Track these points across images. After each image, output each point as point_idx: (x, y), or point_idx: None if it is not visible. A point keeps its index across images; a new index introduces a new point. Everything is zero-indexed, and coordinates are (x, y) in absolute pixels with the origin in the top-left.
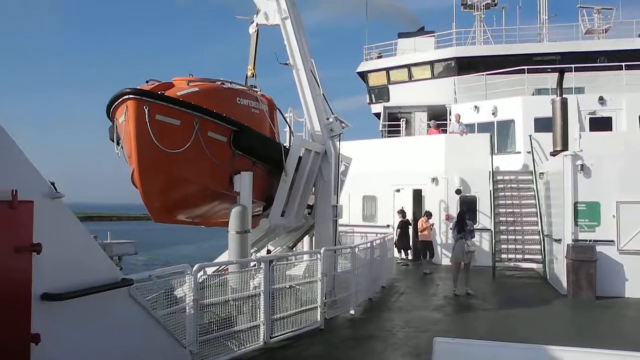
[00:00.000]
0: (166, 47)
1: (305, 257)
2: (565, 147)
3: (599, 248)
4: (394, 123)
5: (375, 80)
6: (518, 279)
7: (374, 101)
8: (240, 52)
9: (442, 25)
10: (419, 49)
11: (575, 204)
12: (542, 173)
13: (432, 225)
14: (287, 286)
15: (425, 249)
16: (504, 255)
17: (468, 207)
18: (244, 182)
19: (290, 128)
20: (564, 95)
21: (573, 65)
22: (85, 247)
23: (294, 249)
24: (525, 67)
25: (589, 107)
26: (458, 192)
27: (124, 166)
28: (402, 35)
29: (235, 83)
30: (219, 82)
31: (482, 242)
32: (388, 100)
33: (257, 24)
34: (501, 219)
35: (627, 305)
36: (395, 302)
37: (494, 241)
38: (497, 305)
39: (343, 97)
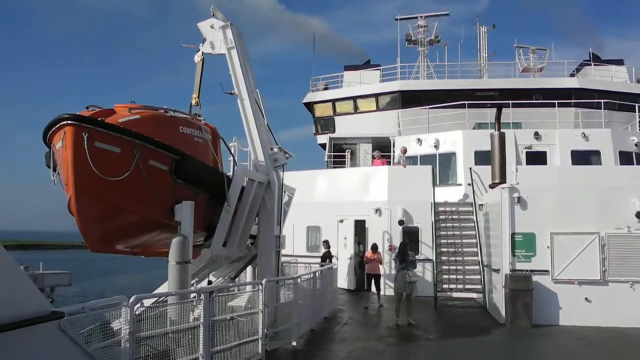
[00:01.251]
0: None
1: (248, 287)
2: (503, 179)
3: (534, 278)
4: (340, 154)
5: (321, 111)
6: (459, 308)
7: (319, 132)
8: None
9: (387, 59)
10: (365, 82)
11: (513, 235)
12: (482, 205)
13: (377, 257)
14: (228, 318)
15: (370, 281)
16: (445, 286)
17: (411, 238)
18: (185, 212)
19: (234, 158)
20: (502, 130)
21: (510, 102)
22: (11, 278)
23: (236, 279)
24: (467, 102)
25: (525, 141)
26: (401, 223)
27: (62, 193)
28: (348, 67)
29: (179, 111)
30: (162, 110)
31: (424, 272)
32: (334, 131)
33: (202, 52)
34: (443, 249)
35: (561, 333)
36: (337, 333)
37: (435, 271)
38: (439, 334)
39: (290, 127)
